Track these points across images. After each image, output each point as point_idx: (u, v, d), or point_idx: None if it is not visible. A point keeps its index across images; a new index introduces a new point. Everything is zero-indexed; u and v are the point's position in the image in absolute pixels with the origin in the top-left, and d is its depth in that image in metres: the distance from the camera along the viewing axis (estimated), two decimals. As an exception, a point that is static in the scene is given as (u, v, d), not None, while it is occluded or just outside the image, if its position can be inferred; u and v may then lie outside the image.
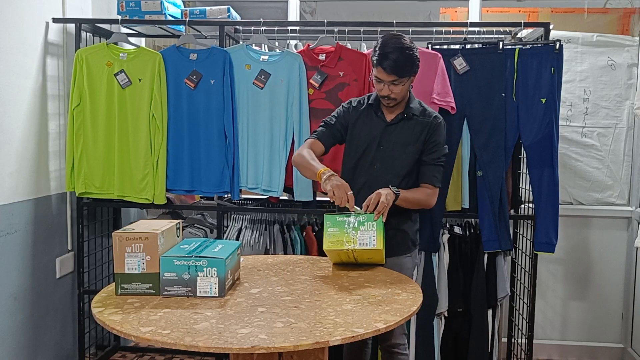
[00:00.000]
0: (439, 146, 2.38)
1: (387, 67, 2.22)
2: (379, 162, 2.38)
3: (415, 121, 2.37)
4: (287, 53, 2.93)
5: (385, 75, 2.24)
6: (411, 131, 2.37)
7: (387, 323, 1.68)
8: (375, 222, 2.14)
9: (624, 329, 3.52)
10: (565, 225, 3.35)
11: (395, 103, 2.34)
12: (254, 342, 1.51)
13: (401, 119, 2.38)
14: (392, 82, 2.26)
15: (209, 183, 2.97)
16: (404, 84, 2.28)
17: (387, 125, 2.39)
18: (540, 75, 2.86)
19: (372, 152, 2.39)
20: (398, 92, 2.28)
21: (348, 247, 2.12)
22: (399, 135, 2.37)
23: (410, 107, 2.38)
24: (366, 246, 2.12)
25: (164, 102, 2.92)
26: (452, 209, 2.97)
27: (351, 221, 2.15)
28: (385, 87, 2.28)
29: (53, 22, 2.95)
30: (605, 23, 3.75)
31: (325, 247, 2.15)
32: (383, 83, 2.27)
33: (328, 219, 2.16)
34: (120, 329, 1.62)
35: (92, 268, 3.28)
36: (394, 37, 2.28)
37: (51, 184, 2.99)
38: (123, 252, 1.88)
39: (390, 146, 2.37)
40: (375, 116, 2.41)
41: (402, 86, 2.27)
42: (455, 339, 3.08)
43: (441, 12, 4.12)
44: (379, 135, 2.38)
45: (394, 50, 2.21)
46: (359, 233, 2.13)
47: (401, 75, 2.24)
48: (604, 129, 3.48)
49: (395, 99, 2.32)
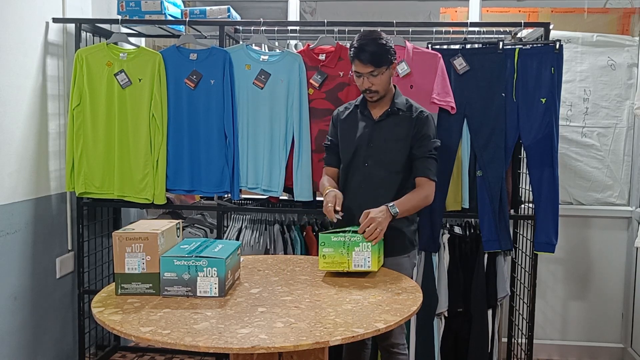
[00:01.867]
0: (429, 139, 2.39)
1: (363, 58, 2.27)
2: (371, 160, 2.40)
3: (402, 116, 2.40)
4: (287, 53, 2.93)
5: (363, 67, 2.29)
6: (399, 127, 2.39)
7: (387, 323, 1.68)
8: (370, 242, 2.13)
9: (624, 329, 3.52)
10: (565, 225, 3.35)
11: (378, 96, 2.37)
12: (254, 342, 1.51)
13: (388, 115, 2.40)
14: (370, 74, 2.30)
15: (209, 183, 2.96)
16: (382, 73, 2.31)
17: (375, 123, 2.42)
18: (540, 75, 2.85)
19: (363, 151, 2.41)
20: (378, 83, 2.32)
21: (342, 269, 2.12)
22: (388, 132, 2.40)
23: (395, 103, 2.41)
24: (361, 267, 2.12)
25: (164, 102, 2.92)
26: (452, 209, 2.97)
27: (346, 241, 2.12)
28: (365, 80, 2.32)
29: (53, 22, 2.95)
30: (605, 23, 3.75)
31: (320, 268, 2.14)
32: (362, 76, 2.32)
33: (323, 238, 2.14)
34: (120, 329, 1.62)
35: (92, 268, 3.28)
36: (369, 31, 2.36)
37: (51, 184, 2.99)
38: (123, 252, 1.88)
39: (380, 143, 2.40)
40: (362, 115, 2.45)
41: (380, 76, 2.31)
42: (455, 339, 3.08)
43: (441, 12, 4.13)
44: (368, 133, 2.41)
45: (369, 42, 2.28)
46: (353, 254, 2.12)
47: (378, 65, 2.29)
48: (604, 129, 3.48)
49: (377, 92, 2.35)
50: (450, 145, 2.89)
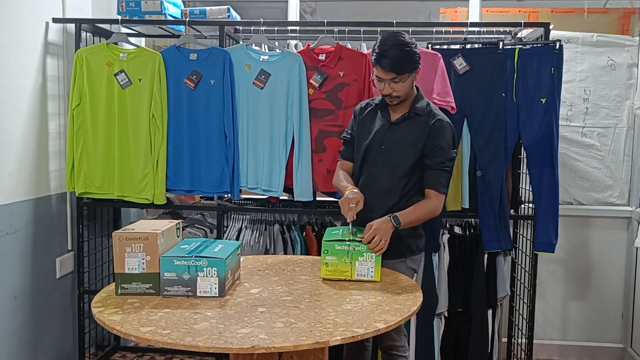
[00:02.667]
0: (442, 150, 2.30)
1: (385, 65, 2.20)
2: (379, 161, 2.37)
3: (419, 121, 2.33)
4: (287, 53, 2.93)
5: (384, 74, 2.23)
6: (413, 131, 2.33)
7: (387, 323, 1.68)
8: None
9: (624, 329, 3.52)
10: (565, 225, 3.35)
11: (398, 101, 2.32)
12: (254, 342, 1.51)
13: (405, 119, 2.35)
14: (392, 80, 2.24)
15: (209, 183, 2.96)
16: (404, 81, 2.25)
17: (390, 125, 2.37)
18: (540, 75, 2.86)
19: (374, 151, 2.38)
20: (399, 89, 2.26)
21: (345, 277, 2.10)
22: (401, 135, 2.35)
23: (415, 107, 2.35)
24: (363, 277, 2.10)
25: (164, 102, 2.92)
26: (452, 209, 2.97)
27: (350, 250, 2.10)
28: (386, 85, 2.26)
29: (53, 22, 2.95)
30: (605, 23, 3.75)
31: (322, 275, 2.12)
32: (384, 82, 2.26)
33: (326, 246, 2.11)
34: (120, 329, 1.62)
35: (92, 268, 3.28)
36: (392, 35, 2.26)
37: (51, 184, 2.99)
38: (123, 252, 1.88)
39: (391, 145, 2.36)
40: (380, 115, 2.41)
41: (402, 83, 2.25)
42: (455, 339, 3.08)
43: (441, 12, 4.12)
44: (381, 134, 2.37)
45: (392, 47, 2.20)
46: (357, 263, 2.09)
47: (400, 73, 2.22)
48: (604, 129, 3.48)
49: (398, 97, 2.30)
50: (450, 146, 2.90)
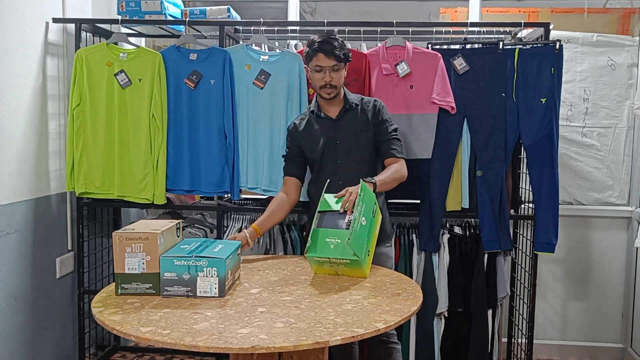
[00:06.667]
0: (388, 123, 2.49)
1: (328, 51, 2.35)
2: (341, 157, 2.48)
3: (358, 110, 2.50)
4: (287, 53, 2.93)
5: (326, 61, 2.36)
6: (358, 120, 2.49)
7: (387, 323, 1.68)
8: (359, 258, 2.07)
9: (624, 329, 3.52)
10: (565, 225, 3.35)
11: (335, 92, 2.44)
12: (254, 342, 1.51)
13: (346, 111, 2.50)
14: (332, 68, 2.38)
15: (209, 183, 2.97)
16: (342, 69, 2.41)
17: (335, 121, 2.50)
18: (540, 75, 2.86)
19: (331, 151, 2.49)
20: (337, 78, 2.41)
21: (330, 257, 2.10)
22: (349, 127, 2.49)
23: (348, 100, 2.51)
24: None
25: (164, 102, 2.92)
26: (452, 209, 2.96)
27: (333, 261, 2.10)
28: (326, 74, 2.39)
29: (53, 22, 2.95)
30: (605, 23, 3.75)
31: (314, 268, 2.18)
32: (323, 70, 2.38)
33: (309, 260, 2.15)
34: (120, 329, 1.62)
35: (92, 268, 3.28)
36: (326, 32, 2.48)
37: (51, 184, 2.99)
38: (123, 252, 1.88)
39: (345, 139, 2.48)
40: (318, 120, 2.52)
41: (340, 72, 2.41)
42: (455, 339, 3.07)
43: (441, 12, 4.12)
44: (331, 133, 2.49)
45: (329, 39, 2.38)
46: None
47: (339, 60, 2.38)
48: (604, 129, 3.48)
49: (335, 87, 2.42)
50: (450, 145, 2.89)
